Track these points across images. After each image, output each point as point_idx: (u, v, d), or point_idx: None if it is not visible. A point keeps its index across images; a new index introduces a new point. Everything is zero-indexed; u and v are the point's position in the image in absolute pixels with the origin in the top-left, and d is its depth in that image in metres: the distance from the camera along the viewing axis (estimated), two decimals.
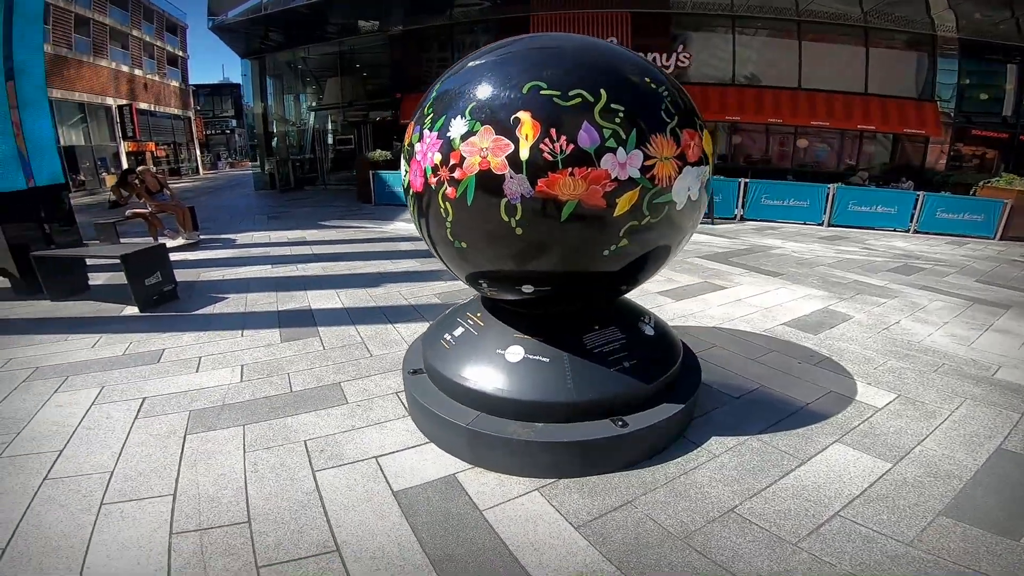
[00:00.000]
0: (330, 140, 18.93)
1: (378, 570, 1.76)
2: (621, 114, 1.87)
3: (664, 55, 13.22)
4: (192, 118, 31.93)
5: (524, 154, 1.86)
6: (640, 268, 2.36)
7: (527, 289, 2.34)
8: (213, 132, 42.45)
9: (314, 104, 18.87)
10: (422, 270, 5.72)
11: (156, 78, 27.21)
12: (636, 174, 1.89)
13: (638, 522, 1.94)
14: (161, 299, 4.74)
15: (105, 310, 4.65)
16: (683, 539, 1.84)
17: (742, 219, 10.01)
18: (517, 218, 1.96)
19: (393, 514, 2.04)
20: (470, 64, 2.17)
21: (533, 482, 2.21)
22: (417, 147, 2.17)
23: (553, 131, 1.84)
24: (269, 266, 6.31)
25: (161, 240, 6.93)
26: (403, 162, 2.35)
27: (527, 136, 1.85)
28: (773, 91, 13.45)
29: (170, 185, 7.88)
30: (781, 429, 2.54)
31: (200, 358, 3.59)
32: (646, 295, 4.80)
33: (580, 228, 1.96)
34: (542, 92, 1.87)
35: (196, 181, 26.25)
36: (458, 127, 1.98)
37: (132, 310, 4.60)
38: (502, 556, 1.81)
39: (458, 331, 2.69)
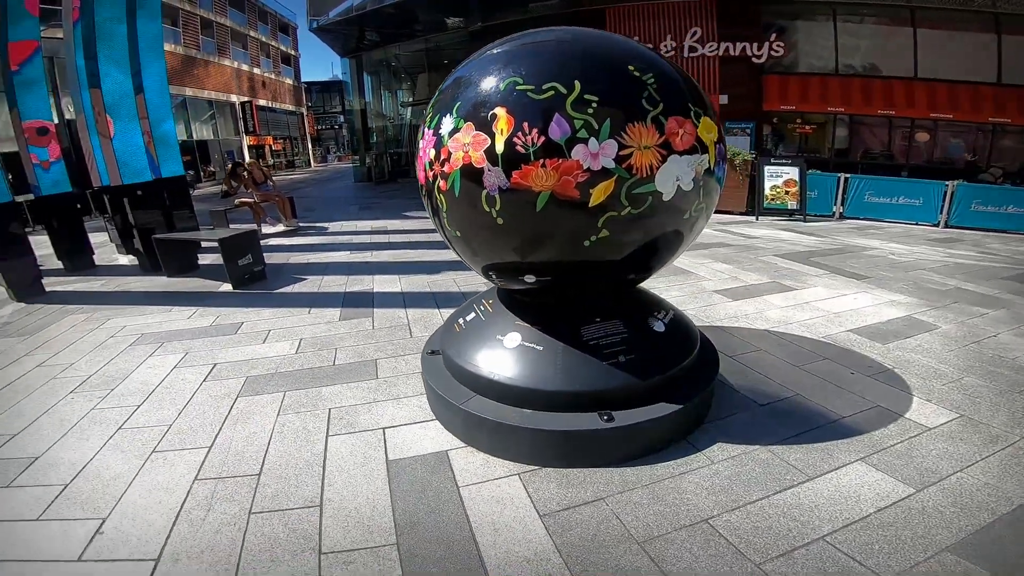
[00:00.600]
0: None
1: (348, 527, 1.94)
2: (594, 104, 1.84)
3: (755, 44, 12.15)
4: (304, 114, 35.08)
5: (499, 148, 1.91)
6: (642, 260, 2.30)
7: (529, 279, 2.38)
8: (323, 127, 45.77)
9: (407, 100, 19.91)
10: None
11: (272, 76, 30.30)
12: (611, 164, 1.85)
13: (603, 519, 1.92)
14: (251, 278, 5.41)
15: (207, 286, 5.42)
16: (641, 543, 1.79)
17: (841, 217, 8.98)
18: (497, 209, 2.01)
19: (379, 479, 2.21)
20: (467, 63, 2.24)
21: (517, 467, 2.26)
22: (420, 144, 2.30)
23: (526, 125, 1.86)
24: (348, 252, 6.89)
25: (264, 227, 7.86)
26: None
27: (502, 131, 1.90)
28: (884, 81, 11.79)
29: (273, 177, 8.86)
30: (800, 442, 2.33)
31: (269, 331, 4.06)
32: (701, 292, 4.56)
33: (556, 218, 1.97)
34: (518, 88, 1.91)
35: (306, 173, 29.00)
36: (447, 125, 2.08)
37: (227, 287, 5.31)
38: (462, 531, 1.89)
39: (470, 316, 2.80)
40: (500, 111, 1.91)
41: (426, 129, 2.24)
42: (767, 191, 9.03)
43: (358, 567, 1.75)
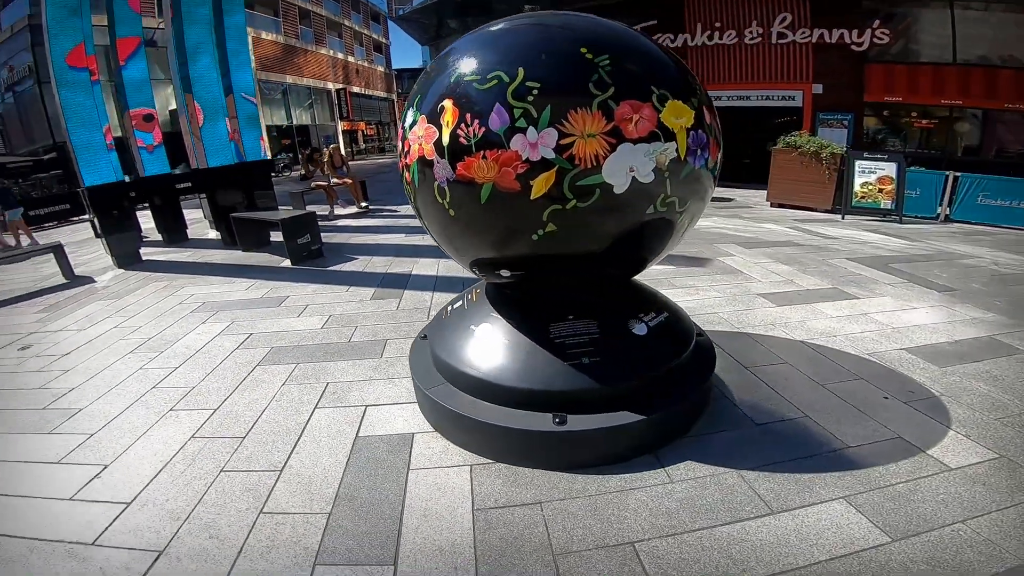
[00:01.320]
0: None
1: (294, 493, 2.07)
2: (536, 91, 1.74)
3: (854, 32, 10.71)
4: (395, 100, 36.65)
5: (445, 140, 1.89)
6: (611, 257, 2.16)
7: (504, 273, 2.35)
8: None
9: None
10: None
11: (365, 64, 31.88)
12: (550, 154, 1.75)
13: (531, 524, 1.86)
14: (308, 256, 5.85)
15: (271, 261, 5.95)
16: (555, 555, 1.71)
17: (947, 219, 7.70)
18: (447, 200, 2.00)
19: (342, 453, 2.32)
20: (438, 55, 2.23)
21: (473, 458, 2.26)
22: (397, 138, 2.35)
23: (468, 116, 1.83)
24: (403, 235, 7.18)
25: (336, 209, 8.41)
26: None
27: (448, 123, 1.88)
28: (1015, 72, 9.81)
29: (349, 163, 9.42)
30: (781, 470, 2.08)
31: (307, 306, 4.38)
32: (743, 295, 4.19)
33: (500, 211, 1.91)
34: (464, 79, 1.87)
35: (394, 158, 30.42)
36: (409, 118, 2.11)
37: (287, 263, 5.78)
38: (393, 512, 1.94)
39: (457, 304, 2.82)
40: (447, 103, 1.89)
41: (399, 124, 2.27)
42: (857, 188, 7.99)
43: (284, 529, 1.88)
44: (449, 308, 2.85)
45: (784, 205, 9.05)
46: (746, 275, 4.69)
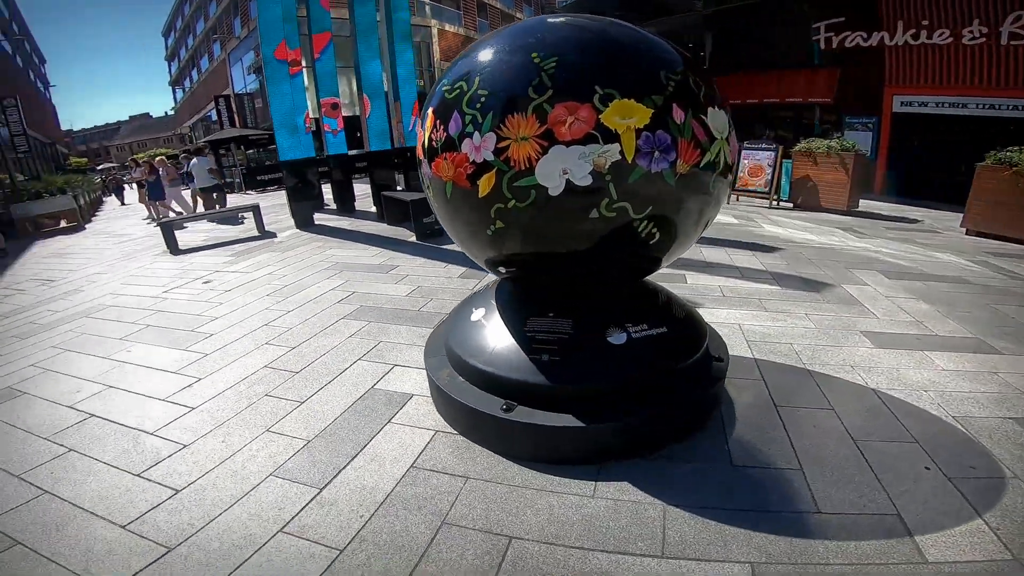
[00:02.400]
0: None
1: (295, 423, 2.60)
2: (483, 98, 1.87)
3: None
4: None
5: (425, 143, 2.14)
6: (583, 259, 2.16)
7: (501, 270, 2.53)
8: None
9: None
10: None
11: None
12: (490, 156, 1.87)
13: (445, 492, 2.04)
14: (431, 234, 6.59)
15: (403, 235, 6.86)
16: (443, 522, 1.88)
17: None
18: (432, 194, 2.26)
19: (351, 398, 2.80)
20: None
21: (444, 426, 2.51)
22: None
23: (438, 122, 2.05)
24: None
25: None
26: None
27: (427, 128, 2.12)
28: None
29: None
30: (714, 517, 1.85)
31: (407, 276, 5.05)
32: (839, 328, 3.56)
33: (459, 206, 2.10)
34: (442, 88, 2.08)
35: None
36: (419, 121, 2.39)
37: (413, 238, 6.62)
38: (353, 450, 2.33)
39: (479, 287, 3.06)
40: (429, 110, 2.14)
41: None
42: None
43: (272, 445, 2.41)
44: (472, 292, 3.11)
45: (983, 234, 7.02)
46: (863, 309, 3.94)
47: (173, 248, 6.93)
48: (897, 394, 2.70)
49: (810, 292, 4.31)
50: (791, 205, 8.02)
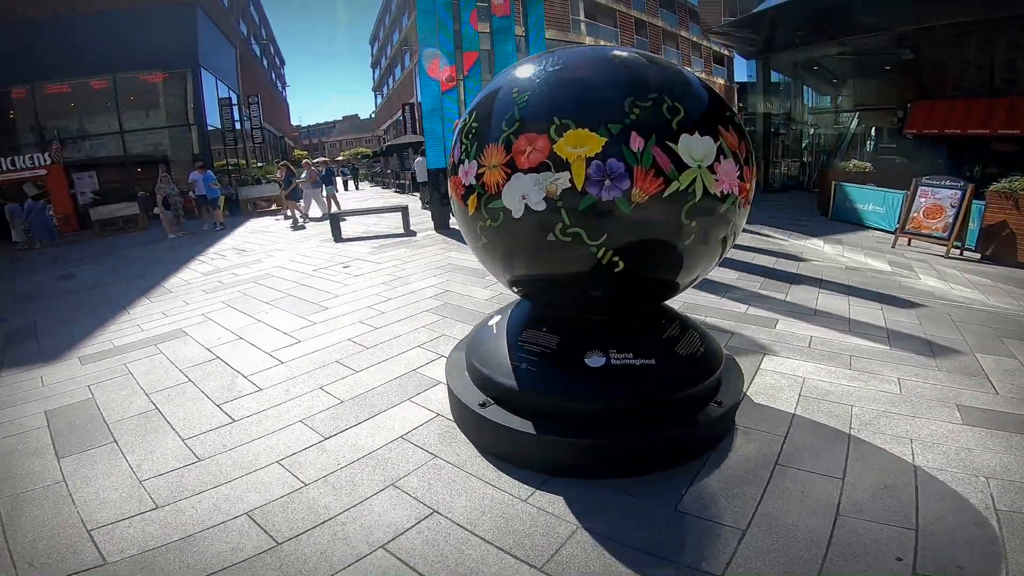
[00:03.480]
0: (819, 144, 16.29)
1: (346, 386, 3.20)
2: (474, 131, 2.19)
3: None
4: (735, 112, 33.83)
5: (450, 166, 2.53)
6: (571, 282, 2.33)
7: (516, 289, 2.81)
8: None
9: (820, 106, 16.48)
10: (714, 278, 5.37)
11: (702, 75, 30.40)
12: (474, 181, 2.17)
13: (413, 464, 2.39)
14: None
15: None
16: (391, 483, 2.26)
17: None
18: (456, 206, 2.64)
19: (391, 376, 3.33)
20: None
21: (448, 413, 2.86)
22: None
23: (454, 149, 2.42)
24: None
25: None
26: None
27: (452, 154, 2.48)
28: None
29: None
30: (609, 549, 1.85)
31: (496, 281, 5.50)
32: (938, 401, 2.98)
33: (463, 221, 2.44)
34: (463, 119, 2.43)
35: None
36: None
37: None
38: (368, 416, 2.84)
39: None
40: (453, 137, 2.50)
41: None
42: None
43: (314, 401, 3.04)
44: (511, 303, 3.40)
45: None
46: (983, 382, 3.17)
47: (337, 236, 8.48)
48: (943, 476, 2.25)
49: (923, 357, 3.60)
50: (978, 256, 6.45)
